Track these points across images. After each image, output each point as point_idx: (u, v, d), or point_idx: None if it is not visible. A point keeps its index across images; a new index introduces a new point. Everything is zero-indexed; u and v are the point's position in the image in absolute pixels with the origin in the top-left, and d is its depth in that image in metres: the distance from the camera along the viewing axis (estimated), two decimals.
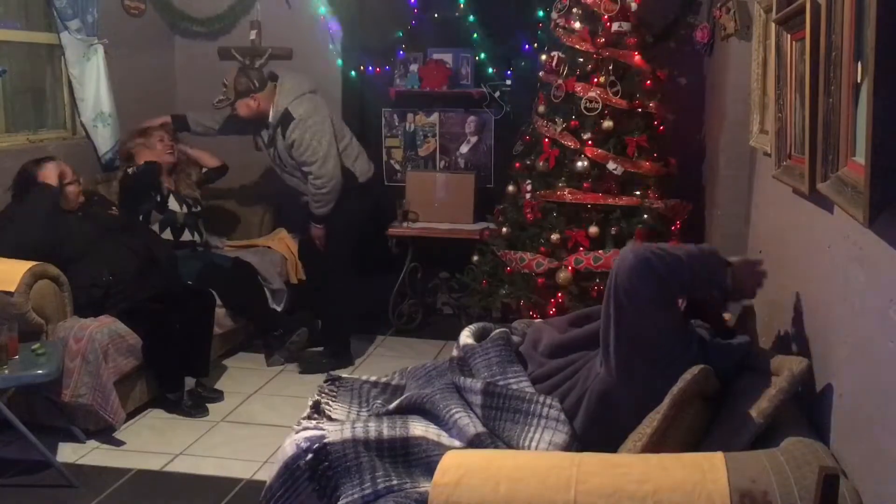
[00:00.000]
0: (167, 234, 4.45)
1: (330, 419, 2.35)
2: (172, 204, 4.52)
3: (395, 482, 2.01)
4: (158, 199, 4.47)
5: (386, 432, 2.11)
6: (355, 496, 2.00)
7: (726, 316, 2.62)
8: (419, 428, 2.16)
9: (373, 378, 2.59)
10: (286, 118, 4.36)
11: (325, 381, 2.57)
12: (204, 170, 4.84)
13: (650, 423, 1.93)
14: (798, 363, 1.90)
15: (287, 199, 5.15)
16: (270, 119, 4.42)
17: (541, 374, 2.29)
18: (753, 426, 1.86)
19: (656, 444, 1.88)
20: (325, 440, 2.08)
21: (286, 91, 4.41)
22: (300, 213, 4.84)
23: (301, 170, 4.43)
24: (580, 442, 2.10)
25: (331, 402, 2.41)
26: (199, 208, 4.65)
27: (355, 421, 2.20)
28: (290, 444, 2.12)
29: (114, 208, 4.15)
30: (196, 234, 4.58)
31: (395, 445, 2.09)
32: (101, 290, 3.70)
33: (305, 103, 4.41)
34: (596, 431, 2.08)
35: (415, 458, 2.08)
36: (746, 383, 2.03)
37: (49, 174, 3.76)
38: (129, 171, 4.45)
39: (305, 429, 2.17)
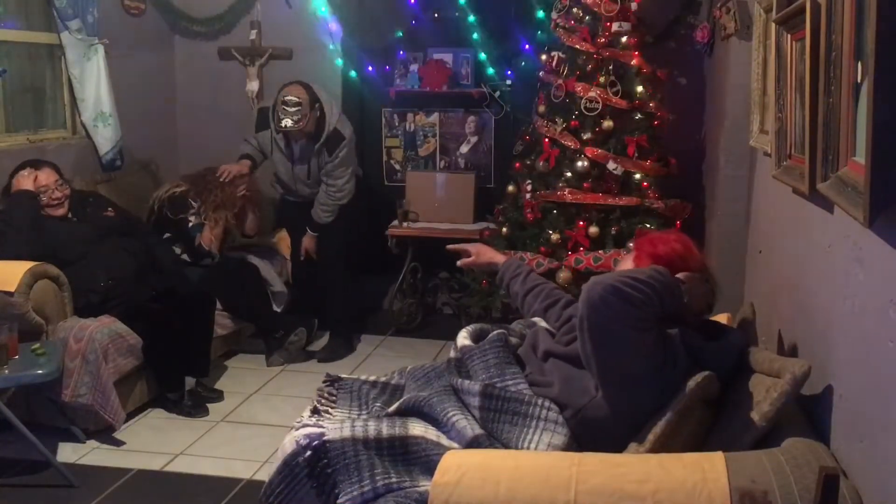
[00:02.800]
0: (185, 255, 4.45)
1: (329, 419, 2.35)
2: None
3: (394, 480, 2.01)
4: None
5: (385, 431, 2.11)
6: (354, 493, 2.00)
7: (722, 317, 2.61)
8: (418, 428, 2.16)
9: (372, 378, 2.59)
10: (336, 137, 4.42)
11: (324, 382, 2.57)
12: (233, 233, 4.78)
13: (653, 429, 1.92)
14: (800, 365, 1.90)
15: (287, 200, 5.14)
16: (315, 134, 4.37)
17: (538, 379, 2.28)
18: (755, 430, 1.86)
19: (659, 451, 1.87)
20: (325, 438, 2.09)
21: (327, 104, 4.44)
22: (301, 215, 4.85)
23: (323, 181, 4.51)
24: (580, 448, 2.09)
25: (330, 410, 2.40)
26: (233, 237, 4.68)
27: (355, 420, 2.20)
28: (290, 440, 2.12)
29: (110, 209, 4.13)
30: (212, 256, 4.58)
31: (395, 444, 2.09)
32: (98, 296, 3.70)
33: (344, 122, 4.51)
34: (593, 445, 2.07)
35: (414, 457, 2.08)
36: (748, 386, 2.02)
37: (21, 181, 3.74)
38: (191, 222, 4.42)
39: (305, 426, 2.17)
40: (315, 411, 2.39)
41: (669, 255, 2.22)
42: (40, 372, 3.14)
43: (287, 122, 4.29)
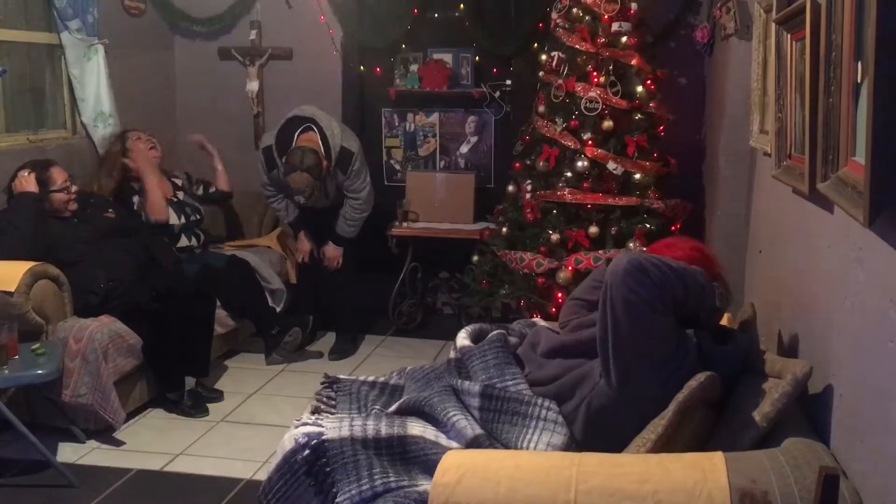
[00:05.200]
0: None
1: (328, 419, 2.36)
2: (171, 219, 4.44)
3: (392, 479, 2.02)
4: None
5: (384, 430, 2.12)
6: (353, 492, 2.00)
7: (724, 318, 2.61)
8: (417, 427, 2.16)
9: (370, 378, 2.59)
10: (345, 155, 4.44)
11: (322, 384, 2.57)
12: (211, 189, 4.79)
13: (654, 429, 1.92)
14: (801, 367, 1.90)
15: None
16: (326, 164, 4.37)
17: (539, 378, 2.28)
18: (756, 430, 1.86)
19: (660, 451, 1.87)
20: (323, 437, 2.09)
21: (328, 128, 4.43)
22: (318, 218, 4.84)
23: (343, 194, 4.55)
24: (579, 447, 2.10)
25: (329, 415, 2.40)
26: (198, 217, 4.61)
27: (354, 419, 2.20)
28: (289, 438, 2.13)
29: (111, 210, 4.13)
30: (193, 238, 4.56)
31: (393, 443, 2.10)
32: (98, 298, 3.70)
33: (348, 133, 4.53)
34: (595, 440, 2.08)
35: (412, 456, 2.09)
36: (749, 386, 2.03)
37: (25, 183, 3.72)
38: (136, 202, 4.37)
39: (304, 424, 2.18)
40: (316, 411, 2.40)
41: (687, 260, 2.23)
42: (40, 372, 3.14)
43: (301, 199, 4.44)
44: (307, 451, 2.07)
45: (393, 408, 2.31)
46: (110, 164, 4.41)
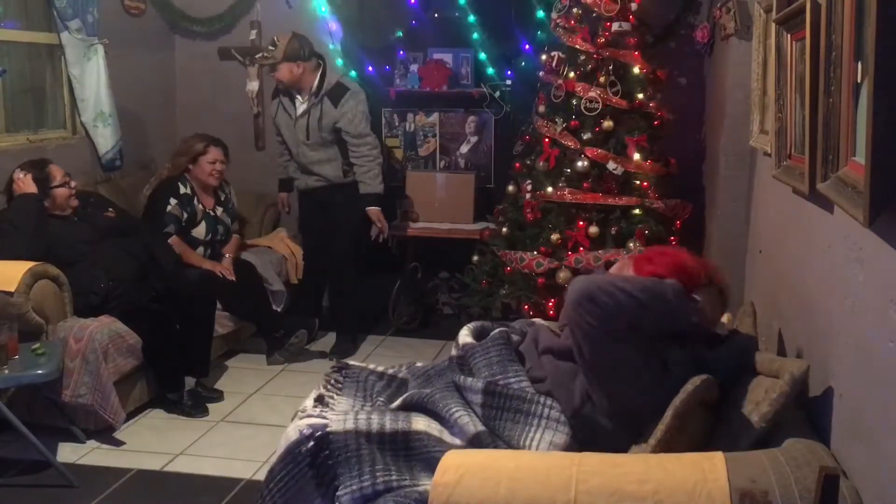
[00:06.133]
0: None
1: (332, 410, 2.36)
2: (199, 230, 4.45)
3: (394, 477, 2.02)
4: (185, 218, 4.39)
5: (388, 425, 2.12)
6: (353, 487, 2.01)
7: (724, 318, 2.61)
8: (422, 423, 2.16)
9: (379, 368, 2.59)
10: (339, 89, 4.48)
11: (332, 369, 2.57)
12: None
13: (654, 434, 1.92)
14: (798, 366, 1.90)
15: (302, 194, 5.12)
16: (316, 89, 4.45)
17: (537, 375, 2.29)
18: (755, 431, 1.86)
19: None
20: (328, 429, 2.09)
21: (333, 68, 4.61)
22: (300, 212, 4.85)
23: (342, 140, 4.51)
24: (581, 446, 2.10)
25: (335, 396, 2.41)
26: (223, 237, 4.61)
27: (358, 412, 2.20)
28: (293, 429, 2.13)
29: (111, 210, 4.13)
30: (209, 249, 4.56)
31: (397, 439, 2.10)
32: (98, 298, 3.69)
33: (354, 84, 4.61)
34: (596, 443, 2.08)
35: (416, 453, 2.09)
36: (747, 387, 2.03)
37: (23, 184, 3.71)
38: (172, 203, 4.34)
39: (309, 416, 2.18)
40: (319, 399, 2.40)
41: (668, 274, 2.20)
42: (40, 372, 3.14)
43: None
44: (311, 444, 2.07)
45: (395, 404, 2.31)
46: (176, 162, 4.51)
